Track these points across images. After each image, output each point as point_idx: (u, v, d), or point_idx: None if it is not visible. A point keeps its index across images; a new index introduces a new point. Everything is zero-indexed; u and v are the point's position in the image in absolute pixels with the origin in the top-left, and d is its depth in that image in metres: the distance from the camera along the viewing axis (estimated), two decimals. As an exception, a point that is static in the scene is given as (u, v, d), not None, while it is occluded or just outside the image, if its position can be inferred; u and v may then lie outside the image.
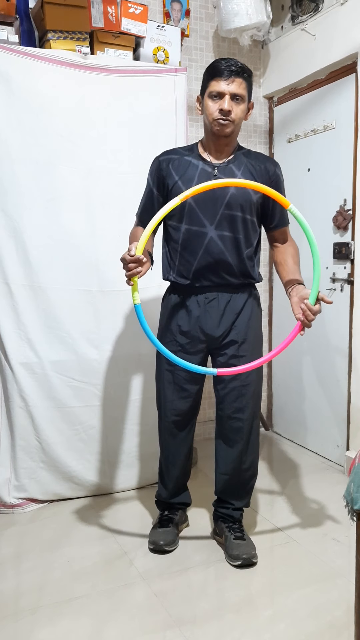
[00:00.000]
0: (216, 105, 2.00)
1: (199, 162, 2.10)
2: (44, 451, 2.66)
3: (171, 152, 2.16)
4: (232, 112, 2.00)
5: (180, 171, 2.09)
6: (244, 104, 2.04)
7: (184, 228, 2.09)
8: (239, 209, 2.06)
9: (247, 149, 2.21)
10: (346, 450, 3.06)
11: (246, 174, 2.08)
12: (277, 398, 3.77)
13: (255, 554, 2.20)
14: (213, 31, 3.40)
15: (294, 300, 2.00)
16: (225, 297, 2.14)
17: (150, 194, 2.17)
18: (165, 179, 2.11)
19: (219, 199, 2.05)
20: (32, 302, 2.58)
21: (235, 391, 2.18)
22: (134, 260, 1.83)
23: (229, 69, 1.97)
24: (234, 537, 2.23)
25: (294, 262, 2.17)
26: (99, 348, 2.71)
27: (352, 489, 1.50)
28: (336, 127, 3.05)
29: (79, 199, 2.61)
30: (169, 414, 2.26)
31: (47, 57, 2.51)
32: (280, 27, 3.42)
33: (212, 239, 2.07)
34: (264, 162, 2.15)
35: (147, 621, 1.88)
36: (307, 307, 1.90)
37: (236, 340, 2.16)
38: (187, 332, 2.16)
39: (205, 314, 2.14)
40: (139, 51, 2.84)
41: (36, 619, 1.89)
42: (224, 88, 1.98)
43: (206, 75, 2.04)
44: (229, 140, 2.09)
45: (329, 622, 1.84)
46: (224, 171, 2.08)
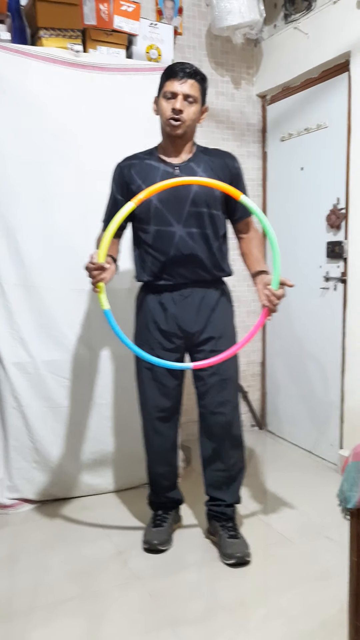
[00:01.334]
0: (169, 105, 2.06)
1: (160, 164, 2.15)
2: (37, 451, 2.65)
3: (132, 158, 2.21)
4: (184, 112, 2.05)
5: (142, 175, 2.14)
6: (196, 106, 2.09)
7: (153, 229, 2.14)
8: (204, 205, 2.12)
9: (204, 146, 2.25)
10: (339, 449, 3.06)
11: (207, 170, 2.13)
12: (270, 397, 3.77)
13: (249, 553, 2.20)
14: (206, 29, 3.40)
15: (259, 287, 2.11)
16: (199, 293, 2.18)
17: (114, 201, 2.21)
18: (128, 184, 2.16)
19: (184, 197, 2.10)
20: (25, 301, 2.57)
21: (216, 386, 2.22)
22: (97, 268, 1.92)
23: (183, 70, 2.04)
24: (227, 536, 2.24)
25: (259, 250, 2.26)
26: (92, 348, 2.70)
27: (345, 488, 1.50)
28: (329, 126, 3.05)
29: (72, 198, 2.60)
30: (151, 412, 2.29)
31: (39, 55, 2.49)
32: (273, 25, 3.42)
33: (182, 237, 2.12)
34: (223, 157, 2.21)
35: (141, 621, 1.87)
36: (270, 292, 1.99)
37: (213, 335, 2.20)
38: (164, 330, 2.19)
39: (181, 310, 2.17)
40: (132, 49, 2.83)
41: (30, 619, 1.88)
42: (177, 88, 2.04)
43: (162, 77, 2.11)
44: (184, 140, 2.14)
45: (323, 621, 1.85)
46: (184, 170, 2.13)
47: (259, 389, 3.83)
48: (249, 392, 3.78)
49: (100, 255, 1.90)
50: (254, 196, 3.67)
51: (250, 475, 3.04)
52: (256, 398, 3.83)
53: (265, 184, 3.67)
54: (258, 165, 3.67)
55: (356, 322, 2.88)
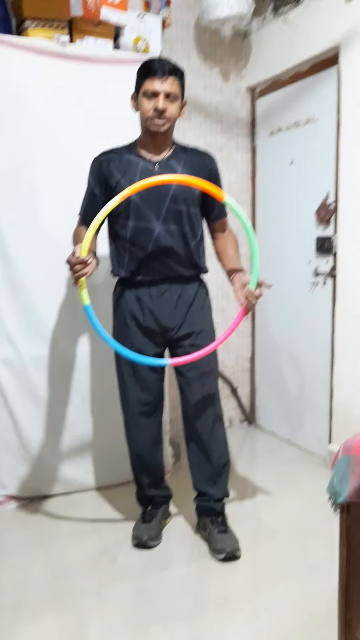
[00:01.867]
0: (151, 103, 2.06)
1: (139, 160, 2.15)
2: (24, 448, 2.63)
3: (110, 152, 2.20)
4: (166, 111, 2.06)
5: (121, 170, 2.14)
6: (177, 102, 2.09)
7: (132, 225, 2.14)
8: (183, 203, 2.14)
9: (183, 144, 2.27)
10: (329, 443, 3.07)
11: (186, 168, 2.15)
12: (260, 392, 3.77)
13: (239, 547, 2.21)
14: (194, 21, 3.37)
15: (237, 286, 2.12)
16: (177, 289, 2.20)
17: (92, 195, 2.20)
18: (107, 178, 2.15)
19: (164, 194, 2.11)
20: (11, 297, 2.54)
21: (196, 380, 2.23)
22: (79, 262, 1.91)
23: (163, 68, 2.02)
24: (217, 531, 2.25)
25: (234, 250, 2.27)
26: (79, 344, 2.68)
27: (335, 483, 1.49)
28: (318, 120, 3.04)
29: (59, 193, 2.57)
30: (133, 406, 2.28)
31: (25, 46, 2.46)
32: (262, 17, 3.40)
33: (160, 234, 2.13)
34: (202, 157, 2.23)
35: (131, 617, 1.86)
36: (248, 292, 2.01)
37: (192, 331, 2.21)
38: (142, 324, 2.20)
39: (159, 306, 2.18)
40: (119, 40, 2.80)
41: (18, 616, 1.86)
42: (158, 87, 2.03)
43: (140, 74, 2.08)
44: (166, 136, 2.15)
45: (312, 614, 1.85)
46: (164, 167, 2.14)
47: (248, 384, 3.83)
48: (238, 387, 3.78)
49: (82, 249, 1.90)
50: (242, 190, 3.66)
51: (240, 470, 3.04)
52: (245, 393, 3.83)
53: (254, 179, 3.66)
54: (247, 160, 3.65)
55: (345, 317, 2.88)
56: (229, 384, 3.73)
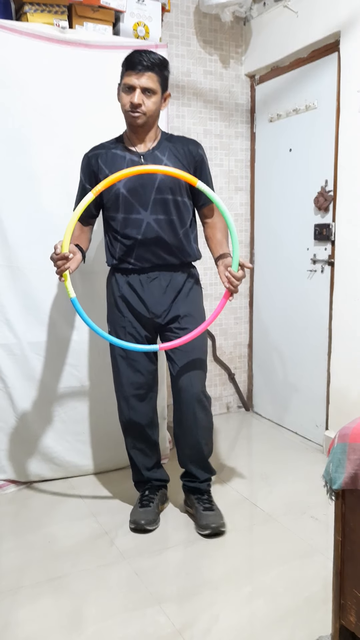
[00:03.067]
0: (128, 97, 2.09)
1: (126, 153, 2.19)
2: (23, 432, 2.65)
3: (99, 147, 2.24)
4: (142, 106, 2.08)
5: (109, 164, 2.18)
6: (156, 96, 2.11)
7: (121, 217, 2.19)
8: (169, 192, 2.17)
9: (169, 133, 2.31)
10: (325, 430, 3.10)
11: (171, 158, 2.19)
12: (257, 378, 3.79)
13: (224, 523, 2.29)
14: (194, 7, 3.34)
15: (220, 269, 2.19)
16: (166, 276, 2.25)
17: (83, 190, 2.24)
18: (96, 174, 2.20)
19: (149, 185, 2.15)
20: (10, 282, 2.55)
21: (185, 365, 2.28)
22: (60, 258, 1.96)
23: (141, 63, 2.04)
24: (203, 509, 2.33)
25: (222, 235, 2.31)
26: (78, 329, 2.70)
27: (330, 469, 1.52)
28: (318, 107, 3.03)
29: (58, 178, 2.57)
30: (127, 389, 2.33)
31: (24, 31, 2.44)
32: (263, 3, 3.37)
33: (149, 224, 2.18)
34: (187, 145, 2.25)
35: (128, 599, 1.89)
36: (231, 274, 2.04)
37: (178, 314, 2.27)
38: (134, 309, 2.26)
39: (148, 292, 2.24)
40: (119, 26, 2.78)
41: (17, 599, 1.89)
42: (134, 82, 2.06)
43: (122, 66, 2.12)
44: (147, 129, 2.17)
45: (307, 597, 1.88)
46: (150, 158, 2.17)
47: (245, 370, 3.85)
48: (236, 373, 3.80)
49: (63, 245, 1.94)
50: (241, 177, 3.65)
51: (237, 456, 3.06)
52: (243, 380, 3.85)
53: (253, 165, 3.65)
54: (246, 146, 3.64)
55: (343, 305, 2.89)
56: (226, 370, 3.75)
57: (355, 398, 2.84)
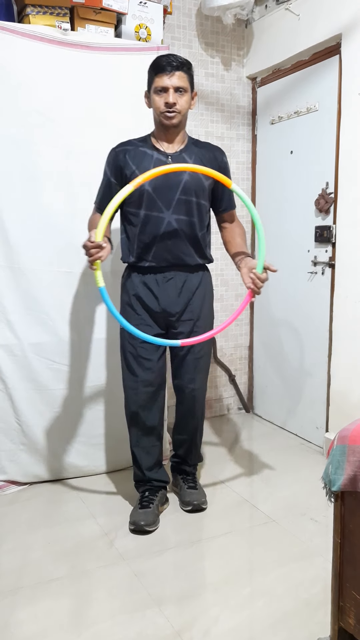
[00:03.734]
0: (162, 99, 2.17)
1: (154, 152, 2.25)
2: (24, 433, 2.65)
3: (126, 144, 2.30)
4: (177, 104, 2.17)
5: (136, 161, 2.23)
6: (187, 95, 2.21)
7: (143, 214, 2.23)
8: (193, 194, 2.24)
9: (195, 138, 2.39)
10: (325, 432, 3.10)
11: (197, 162, 2.25)
12: (257, 380, 3.79)
13: (205, 501, 2.48)
14: (196, 9, 3.35)
15: (243, 270, 2.23)
16: (181, 277, 2.30)
17: (108, 183, 2.30)
18: (122, 169, 2.25)
19: (175, 185, 2.21)
20: (12, 283, 2.55)
21: (189, 363, 2.39)
22: (95, 246, 2.00)
23: (170, 64, 2.14)
24: (187, 487, 2.52)
25: (242, 239, 2.39)
26: (79, 330, 2.70)
27: (330, 471, 1.52)
28: (319, 110, 3.03)
29: (59, 179, 2.57)
30: (138, 387, 2.35)
31: (26, 33, 2.44)
32: (265, 6, 3.38)
33: (170, 223, 2.23)
34: (213, 151, 2.34)
35: (127, 601, 1.89)
36: (255, 276, 2.12)
37: (192, 317, 2.34)
38: (148, 306, 2.30)
39: (164, 291, 2.29)
40: (121, 28, 2.78)
41: (16, 599, 1.89)
42: (167, 82, 2.15)
43: (150, 72, 2.21)
44: (178, 129, 2.26)
45: (306, 599, 1.88)
46: (177, 160, 2.24)
47: (246, 372, 3.85)
48: (236, 375, 3.80)
49: (98, 234, 1.98)
50: (242, 179, 3.65)
51: (237, 458, 3.07)
52: (243, 381, 3.85)
53: (255, 167, 3.65)
54: (247, 148, 3.65)
55: (343, 307, 2.89)
56: (227, 371, 3.75)
57: (355, 400, 2.84)
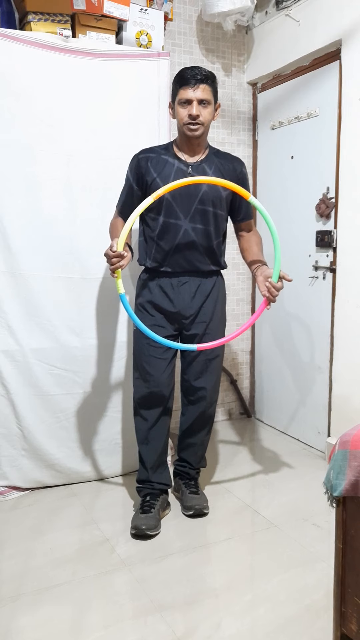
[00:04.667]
0: (186, 111, 2.23)
1: (175, 161, 2.31)
2: (25, 439, 2.65)
3: (149, 151, 2.35)
4: (200, 116, 2.22)
5: (158, 169, 2.29)
6: (210, 107, 2.26)
7: (162, 220, 2.29)
8: (210, 204, 2.30)
9: (216, 149, 2.43)
10: (327, 437, 3.09)
11: (216, 172, 2.31)
12: (259, 385, 3.79)
13: (207, 506, 2.48)
14: (197, 15, 3.37)
15: (260, 279, 2.28)
16: (195, 282, 2.37)
17: (130, 190, 2.35)
18: (144, 175, 2.30)
19: (193, 195, 2.27)
20: (13, 289, 2.55)
21: (200, 364, 2.43)
22: (116, 256, 2.05)
23: (195, 77, 2.19)
24: (189, 492, 2.52)
25: (258, 248, 2.45)
26: (80, 335, 2.70)
27: (332, 476, 1.52)
28: (320, 115, 3.04)
29: (60, 185, 2.58)
30: (150, 386, 2.39)
31: (28, 40, 2.46)
32: (265, 12, 3.39)
33: (187, 231, 2.29)
34: (232, 162, 2.39)
35: (129, 607, 1.89)
36: (271, 284, 2.17)
37: (204, 320, 2.40)
38: (161, 309, 2.36)
39: (178, 295, 2.35)
40: (122, 35, 2.79)
41: (17, 606, 1.89)
42: (191, 95, 2.20)
43: (175, 84, 2.26)
44: (200, 140, 2.30)
45: (308, 605, 1.87)
46: (197, 170, 2.30)
47: (247, 377, 3.85)
48: (238, 380, 3.80)
49: (119, 243, 2.03)
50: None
51: (239, 463, 3.06)
52: (245, 386, 3.85)
53: (256, 173, 3.66)
54: (248, 154, 3.66)
55: (344, 311, 2.89)
56: (228, 376, 3.75)
57: (357, 405, 2.84)
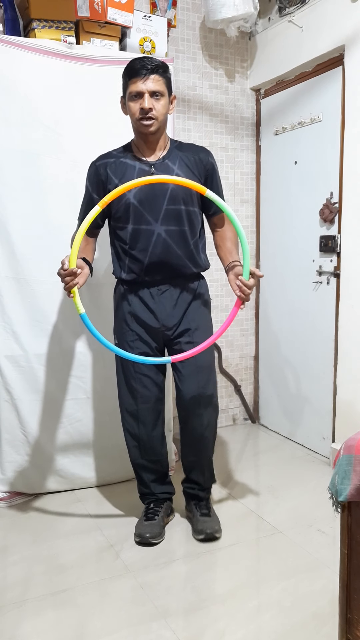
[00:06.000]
0: (137, 105, 2.05)
1: (135, 162, 2.15)
2: (29, 444, 2.65)
3: (106, 156, 2.20)
4: (153, 109, 2.05)
5: (118, 174, 2.14)
6: (164, 99, 2.08)
7: (131, 228, 2.14)
8: (181, 202, 2.14)
9: (179, 141, 2.27)
10: (332, 442, 3.08)
11: (182, 167, 2.15)
12: (263, 390, 3.78)
13: (219, 529, 2.32)
14: (200, 22, 3.38)
15: (230, 277, 2.15)
16: (176, 289, 2.22)
17: (90, 200, 2.19)
18: (105, 183, 2.16)
19: (161, 195, 2.11)
20: (17, 294, 2.56)
21: (192, 376, 2.26)
22: (68, 274, 1.90)
23: (144, 67, 2.01)
24: (200, 514, 2.36)
25: (232, 243, 2.28)
26: (84, 341, 2.70)
27: (336, 481, 1.51)
28: (323, 120, 3.04)
29: (64, 191, 2.59)
30: (136, 403, 2.30)
31: (32, 47, 2.47)
32: (268, 18, 3.41)
33: (160, 235, 2.14)
34: (198, 153, 2.22)
35: (133, 613, 1.88)
36: (242, 282, 2.02)
37: (189, 327, 2.25)
38: (143, 321, 2.23)
39: (159, 304, 2.21)
40: (125, 41, 2.81)
41: (22, 612, 1.88)
42: (142, 87, 2.02)
43: (124, 77, 2.09)
44: (158, 136, 2.14)
45: (314, 612, 1.86)
46: (160, 168, 2.14)
47: (251, 382, 3.84)
48: (242, 385, 3.79)
49: (71, 260, 1.88)
50: (247, 190, 3.66)
51: (243, 469, 3.05)
52: (249, 392, 3.84)
53: (259, 178, 3.67)
54: (252, 159, 3.66)
55: (349, 316, 2.89)
56: (232, 382, 3.74)
57: (362, 410, 2.83)
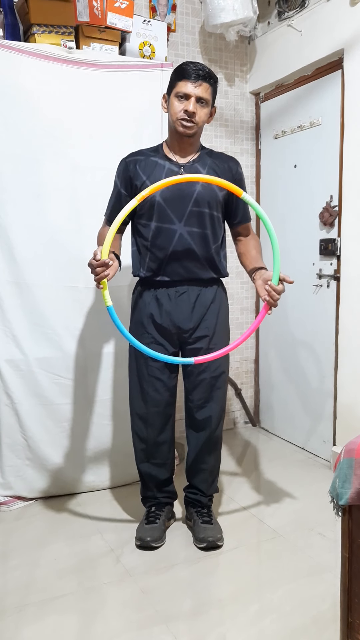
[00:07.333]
0: (181, 105, 2.08)
1: (165, 162, 2.17)
2: (30, 449, 2.65)
3: (137, 154, 2.21)
4: (196, 115, 2.08)
5: (147, 171, 2.15)
6: (207, 108, 2.12)
7: (154, 225, 2.15)
8: (206, 206, 2.15)
9: (209, 148, 2.29)
10: (333, 445, 3.08)
11: (210, 172, 2.16)
12: (263, 394, 3.78)
13: (221, 537, 2.28)
14: (199, 26, 3.39)
15: (258, 282, 2.12)
16: (195, 291, 2.21)
17: (118, 195, 2.22)
18: (132, 179, 2.17)
19: (187, 196, 2.12)
20: (18, 298, 2.56)
21: (205, 382, 2.27)
22: (100, 265, 1.90)
23: (197, 72, 2.04)
24: (201, 522, 2.33)
25: (257, 252, 2.27)
26: (85, 345, 2.70)
27: (337, 485, 1.50)
28: (322, 124, 3.05)
29: (65, 195, 2.59)
30: (149, 407, 2.29)
31: (32, 52, 2.48)
32: (267, 22, 3.42)
33: (182, 235, 2.14)
34: (227, 162, 2.24)
35: (134, 618, 1.88)
36: (271, 287, 2.00)
37: (207, 334, 2.24)
38: (159, 324, 2.22)
39: (176, 307, 2.20)
40: (125, 46, 2.82)
41: (22, 616, 1.88)
42: (191, 90, 2.05)
43: (174, 75, 2.11)
44: (193, 140, 2.17)
45: (315, 616, 1.86)
46: (189, 170, 2.15)
47: (252, 386, 3.84)
48: (243, 389, 3.79)
49: (103, 252, 1.89)
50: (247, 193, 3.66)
51: (244, 472, 3.05)
52: (249, 395, 3.84)
53: (259, 182, 3.67)
54: (251, 163, 3.67)
55: (349, 319, 2.89)
56: (233, 385, 3.74)
57: (362, 413, 2.83)
